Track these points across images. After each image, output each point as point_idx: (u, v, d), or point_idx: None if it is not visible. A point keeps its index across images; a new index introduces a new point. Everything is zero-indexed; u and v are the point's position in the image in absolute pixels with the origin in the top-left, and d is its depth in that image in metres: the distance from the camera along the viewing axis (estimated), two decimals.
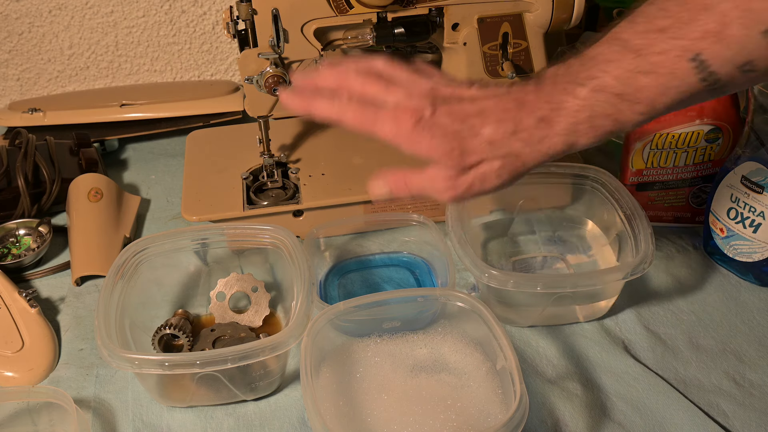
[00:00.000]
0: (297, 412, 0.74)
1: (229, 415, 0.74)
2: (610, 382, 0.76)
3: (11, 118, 1.13)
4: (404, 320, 0.77)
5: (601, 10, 1.18)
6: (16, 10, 1.17)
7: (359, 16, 0.86)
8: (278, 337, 0.68)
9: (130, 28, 1.22)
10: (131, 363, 0.67)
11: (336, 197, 0.93)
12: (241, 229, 0.82)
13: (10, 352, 0.79)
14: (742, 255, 0.85)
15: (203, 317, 0.84)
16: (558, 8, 0.90)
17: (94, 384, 0.78)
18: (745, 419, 0.72)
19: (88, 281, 0.90)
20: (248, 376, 0.72)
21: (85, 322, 0.85)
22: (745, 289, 0.86)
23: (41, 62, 1.23)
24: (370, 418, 0.69)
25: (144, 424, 0.73)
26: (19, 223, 0.96)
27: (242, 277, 0.83)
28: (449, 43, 0.91)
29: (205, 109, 1.13)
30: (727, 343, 0.80)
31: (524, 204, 0.92)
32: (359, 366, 0.74)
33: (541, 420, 0.72)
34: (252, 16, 0.83)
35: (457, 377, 0.73)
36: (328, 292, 0.87)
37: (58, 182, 0.99)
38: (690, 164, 0.89)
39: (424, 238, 0.88)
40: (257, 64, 0.86)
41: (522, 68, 0.93)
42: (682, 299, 0.85)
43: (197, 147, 1.03)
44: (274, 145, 0.97)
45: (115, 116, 1.13)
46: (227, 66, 1.28)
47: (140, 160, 1.12)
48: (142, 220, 1.00)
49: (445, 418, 0.69)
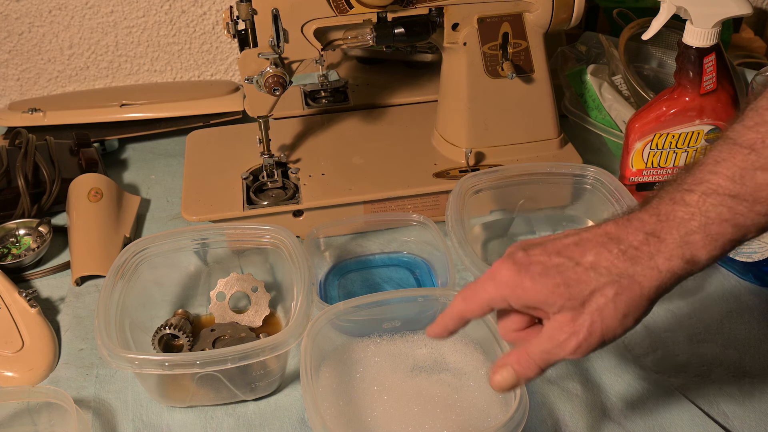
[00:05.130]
0: (297, 412, 0.74)
1: (229, 415, 0.74)
2: (610, 382, 0.76)
3: (11, 118, 1.13)
4: (404, 320, 0.77)
5: (601, 10, 1.18)
6: (16, 10, 1.17)
7: (359, 16, 0.86)
8: (278, 337, 0.68)
9: (130, 28, 1.22)
10: (131, 363, 0.67)
11: (336, 197, 0.93)
12: (241, 229, 0.82)
13: (10, 352, 0.79)
14: (742, 255, 0.85)
15: (203, 317, 0.84)
16: (558, 8, 0.90)
17: (94, 384, 0.78)
18: (745, 419, 0.72)
19: (88, 281, 0.90)
20: (248, 376, 0.72)
21: (85, 322, 0.85)
22: (745, 289, 0.86)
23: (41, 62, 1.23)
24: (370, 418, 0.69)
25: (144, 424, 0.73)
26: (19, 223, 0.96)
27: (242, 277, 0.83)
28: (449, 43, 0.91)
29: (205, 109, 1.13)
30: (727, 343, 0.80)
31: (524, 204, 0.92)
32: (359, 366, 0.74)
33: (541, 420, 0.72)
34: (252, 16, 0.83)
35: (457, 377, 0.73)
36: (328, 292, 0.87)
37: (58, 182, 0.99)
38: None
39: (424, 238, 0.88)
40: (257, 64, 0.86)
41: (522, 68, 0.93)
42: (682, 299, 0.85)
43: (197, 147, 1.03)
44: (274, 145, 0.97)
45: (115, 116, 1.13)
46: (227, 66, 1.28)
47: (140, 160, 1.11)
48: (142, 220, 1.00)
49: (445, 418, 0.69)
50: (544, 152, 0.97)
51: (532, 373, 0.57)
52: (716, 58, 0.82)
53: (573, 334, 0.53)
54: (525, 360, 0.57)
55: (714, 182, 0.52)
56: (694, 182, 0.53)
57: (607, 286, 0.53)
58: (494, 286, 0.56)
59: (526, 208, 0.92)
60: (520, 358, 0.57)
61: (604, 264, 0.53)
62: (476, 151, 0.96)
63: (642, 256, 0.53)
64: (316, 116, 1.08)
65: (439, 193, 0.94)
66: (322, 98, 1.11)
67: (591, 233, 0.55)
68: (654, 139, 0.87)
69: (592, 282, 0.53)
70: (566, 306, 0.54)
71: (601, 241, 0.54)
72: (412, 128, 1.04)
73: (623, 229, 0.54)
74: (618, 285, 0.53)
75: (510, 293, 0.55)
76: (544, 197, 0.92)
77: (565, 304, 0.54)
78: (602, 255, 0.53)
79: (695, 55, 0.82)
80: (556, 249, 0.55)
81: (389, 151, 1.00)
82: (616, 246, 0.53)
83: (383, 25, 0.87)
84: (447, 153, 0.98)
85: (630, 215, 0.55)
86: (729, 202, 0.51)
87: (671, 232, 0.53)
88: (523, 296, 0.55)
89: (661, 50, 1.08)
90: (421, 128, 1.03)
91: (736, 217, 0.51)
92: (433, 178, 0.94)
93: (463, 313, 0.59)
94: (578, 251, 0.54)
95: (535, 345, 0.56)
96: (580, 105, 1.05)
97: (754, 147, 0.51)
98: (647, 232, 0.53)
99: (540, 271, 0.54)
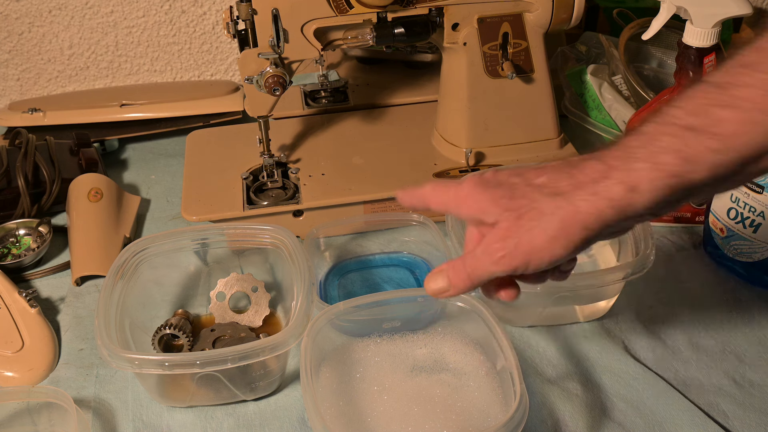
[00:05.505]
0: (297, 412, 0.74)
1: (229, 415, 0.74)
2: (610, 382, 0.76)
3: (11, 118, 1.13)
4: (404, 320, 0.77)
5: (601, 10, 1.18)
6: (16, 10, 1.17)
7: (359, 16, 0.86)
8: (278, 337, 0.68)
9: (130, 28, 1.22)
10: (131, 363, 0.67)
11: (336, 197, 0.93)
12: (241, 229, 0.82)
13: (10, 352, 0.79)
14: (742, 255, 0.85)
15: (203, 317, 0.84)
16: (558, 8, 0.90)
17: (94, 384, 0.78)
18: (745, 419, 0.72)
19: (88, 281, 0.90)
20: (248, 376, 0.72)
21: (85, 322, 0.85)
22: (745, 289, 0.86)
23: (41, 62, 1.23)
24: (370, 418, 0.69)
25: (144, 424, 0.73)
26: (19, 223, 0.96)
27: (242, 277, 0.83)
28: (449, 43, 0.91)
29: (205, 109, 1.13)
30: (727, 344, 0.80)
31: None
32: (359, 366, 0.74)
33: (541, 420, 0.72)
34: (252, 16, 0.83)
35: (457, 377, 0.73)
36: (328, 292, 0.87)
37: (58, 182, 0.99)
38: None
39: (424, 238, 0.88)
40: (257, 64, 0.86)
41: (522, 68, 0.93)
42: (682, 299, 0.85)
43: (197, 147, 1.03)
44: (274, 145, 0.97)
45: (115, 116, 1.13)
46: (227, 66, 1.28)
47: (140, 160, 1.11)
48: (142, 220, 1.00)
49: (445, 418, 0.69)
50: (544, 152, 0.97)
51: (461, 283, 0.57)
52: (716, 58, 0.82)
53: (501, 241, 0.53)
54: (459, 267, 0.56)
55: (672, 113, 0.51)
56: (657, 116, 0.52)
57: (544, 205, 0.53)
58: (455, 190, 0.57)
59: None
60: (456, 265, 0.57)
61: (550, 185, 0.53)
62: (476, 151, 0.96)
63: (586, 182, 0.52)
64: (316, 116, 1.08)
65: None
66: (322, 98, 1.11)
67: (558, 161, 0.56)
68: None
69: (534, 199, 0.53)
70: (503, 216, 0.54)
71: (558, 167, 0.54)
72: (412, 128, 1.04)
73: (585, 159, 0.54)
74: (554, 205, 0.52)
75: (461, 201, 0.56)
76: None
77: (502, 215, 0.54)
78: (553, 177, 0.54)
79: (695, 55, 0.82)
80: (518, 171, 0.56)
81: (389, 151, 1.00)
82: (569, 171, 0.53)
83: (383, 25, 0.87)
84: (447, 153, 0.98)
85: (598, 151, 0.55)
86: (681, 132, 0.50)
87: (619, 159, 0.52)
88: (471, 204, 0.56)
89: (661, 50, 1.08)
90: (421, 128, 1.03)
91: (685, 149, 0.50)
92: (433, 178, 0.94)
93: (426, 198, 0.60)
94: (535, 173, 0.55)
95: (470, 253, 0.56)
96: (580, 105, 1.05)
97: (721, 86, 0.50)
98: (600, 159, 0.53)
99: (494, 184, 0.55)
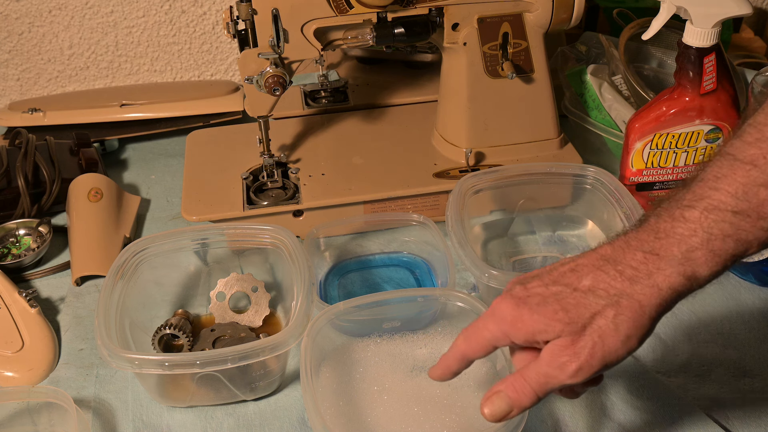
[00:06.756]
0: (297, 412, 0.74)
1: (229, 415, 0.74)
2: (610, 382, 0.76)
3: (11, 118, 1.13)
4: (404, 320, 0.77)
5: (601, 10, 1.18)
6: (16, 10, 1.17)
7: (359, 16, 0.86)
8: (278, 337, 0.68)
9: (130, 28, 1.22)
10: (131, 363, 0.67)
11: (336, 197, 0.93)
12: (241, 229, 0.82)
13: (10, 352, 0.79)
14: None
15: (203, 317, 0.84)
16: (558, 8, 0.90)
17: (94, 384, 0.78)
18: (745, 419, 0.72)
19: (88, 281, 0.90)
20: (248, 376, 0.72)
21: (85, 322, 0.85)
22: (745, 289, 0.86)
23: (41, 62, 1.23)
24: (370, 418, 0.69)
25: (144, 424, 0.73)
26: (19, 223, 0.96)
27: (242, 277, 0.83)
28: (449, 43, 0.91)
29: (205, 109, 1.13)
30: (727, 343, 0.80)
31: (524, 204, 0.92)
32: (359, 366, 0.74)
33: (541, 420, 0.72)
34: (252, 16, 0.83)
35: (457, 377, 0.73)
36: (328, 292, 0.87)
37: (58, 182, 0.99)
38: (690, 164, 0.89)
39: (424, 238, 0.88)
40: (257, 64, 0.86)
41: (522, 68, 0.93)
42: (682, 299, 0.85)
43: (197, 147, 1.03)
44: (274, 145, 0.97)
45: (115, 116, 1.13)
46: (227, 66, 1.28)
47: (140, 160, 1.11)
48: (142, 220, 1.00)
49: (445, 418, 0.69)
50: (544, 152, 0.97)
51: (527, 400, 0.54)
52: (716, 58, 0.82)
53: (573, 355, 0.52)
54: (520, 385, 0.54)
55: (716, 198, 0.51)
56: (695, 198, 0.52)
57: (606, 308, 0.52)
58: (494, 322, 0.56)
59: (526, 208, 0.92)
60: (515, 383, 0.54)
61: (601, 286, 0.52)
62: (476, 151, 0.96)
63: (640, 275, 0.52)
64: (316, 116, 1.08)
65: (439, 193, 0.93)
66: (322, 98, 1.11)
67: (586, 258, 0.54)
68: (654, 139, 0.87)
69: (591, 305, 0.52)
70: (566, 330, 0.52)
71: (597, 264, 0.54)
72: (412, 128, 1.04)
73: (620, 249, 0.54)
74: (617, 306, 0.52)
75: (510, 328, 0.55)
76: (544, 197, 0.92)
77: (564, 329, 0.52)
78: (599, 278, 0.53)
79: (695, 55, 0.82)
80: (552, 278, 0.55)
81: (389, 151, 1.00)
82: (612, 267, 0.53)
83: (383, 25, 0.87)
84: (447, 153, 0.98)
85: (626, 235, 0.55)
86: (732, 218, 0.51)
87: (671, 248, 0.52)
88: (524, 329, 0.54)
89: (661, 50, 1.08)
90: (421, 128, 1.03)
91: (739, 233, 0.51)
92: (433, 178, 0.94)
93: (465, 353, 0.58)
94: (575, 277, 0.54)
95: (532, 368, 0.54)
96: (580, 105, 1.05)
97: (756, 163, 0.51)
98: (645, 250, 0.52)
99: (538, 301, 0.54)
